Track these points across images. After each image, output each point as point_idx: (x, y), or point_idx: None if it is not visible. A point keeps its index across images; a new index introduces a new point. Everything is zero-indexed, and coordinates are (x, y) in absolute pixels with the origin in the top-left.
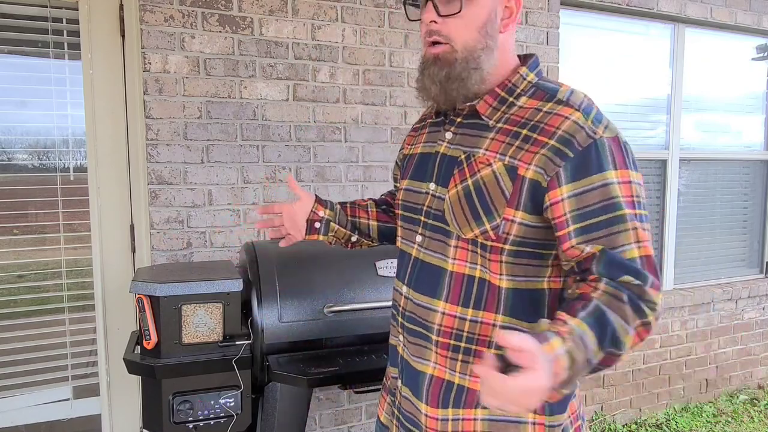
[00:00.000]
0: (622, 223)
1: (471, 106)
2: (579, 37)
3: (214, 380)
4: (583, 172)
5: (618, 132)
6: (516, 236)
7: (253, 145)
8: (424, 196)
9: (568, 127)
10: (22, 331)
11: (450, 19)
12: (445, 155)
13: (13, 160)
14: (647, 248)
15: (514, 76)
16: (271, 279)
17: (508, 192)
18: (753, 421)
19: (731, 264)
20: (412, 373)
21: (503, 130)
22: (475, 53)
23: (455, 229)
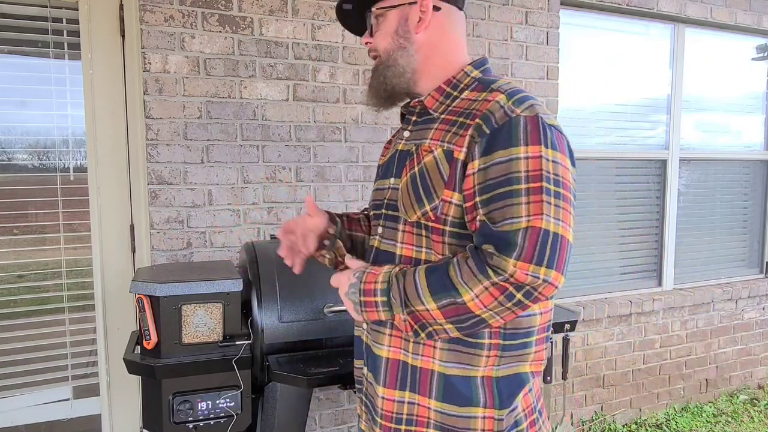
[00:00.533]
0: (516, 197)
1: (420, 101)
2: (579, 37)
3: (214, 380)
4: (493, 147)
5: (540, 113)
6: (454, 218)
7: (253, 145)
8: (385, 191)
9: (490, 106)
10: (22, 331)
11: (375, 36)
12: (402, 151)
13: (13, 160)
14: (539, 220)
15: (459, 74)
16: (271, 279)
17: (446, 175)
18: (753, 421)
19: (731, 264)
20: (374, 358)
21: (445, 120)
22: (391, 53)
23: (402, 214)
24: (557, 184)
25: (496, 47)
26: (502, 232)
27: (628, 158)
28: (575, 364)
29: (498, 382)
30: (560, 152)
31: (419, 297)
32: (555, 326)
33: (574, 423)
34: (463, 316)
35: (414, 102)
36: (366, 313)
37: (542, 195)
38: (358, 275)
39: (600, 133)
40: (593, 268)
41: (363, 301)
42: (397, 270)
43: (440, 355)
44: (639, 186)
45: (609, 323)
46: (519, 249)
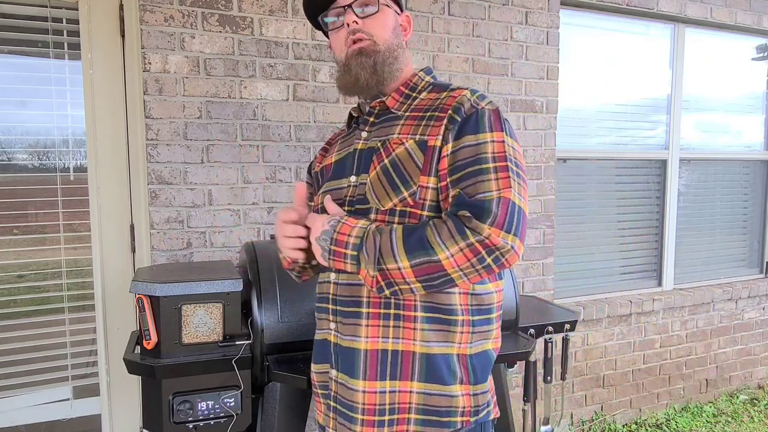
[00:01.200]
0: (487, 174)
1: (381, 102)
2: (579, 37)
3: (214, 380)
4: (463, 132)
5: (498, 107)
6: (431, 201)
7: (253, 145)
8: (345, 189)
9: (458, 99)
10: (22, 331)
11: (368, 20)
12: (363, 150)
13: (13, 160)
14: (508, 192)
15: (414, 78)
16: (271, 279)
17: (420, 162)
18: (753, 421)
19: (731, 264)
20: (347, 355)
21: (411, 117)
22: (393, 48)
23: (375, 203)
24: (517, 165)
25: (496, 47)
26: (476, 200)
27: (628, 158)
28: (575, 364)
29: (471, 359)
30: (517, 141)
31: (393, 255)
32: (555, 326)
33: (574, 423)
34: (435, 275)
35: (374, 102)
36: (332, 261)
37: (509, 172)
38: (332, 223)
39: (600, 133)
40: (593, 268)
41: (332, 250)
42: (373, 227)
43: (421, 336)
44: (639, 186)
45: (609, 323)
46: (493, 215)
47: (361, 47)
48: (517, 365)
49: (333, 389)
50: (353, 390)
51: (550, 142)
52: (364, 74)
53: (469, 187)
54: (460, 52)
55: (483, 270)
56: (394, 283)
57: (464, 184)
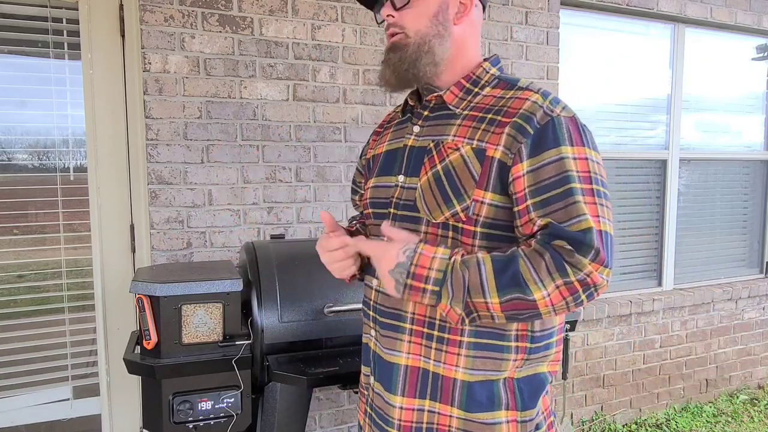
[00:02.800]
0: (577, 195)
1: (438, 96)
2: (579, 37)
3: (214, 380)
4: (540, 148)
5: (575, 114)
6: (486, 218)
7: (253, 145)
8: (393, 189)
9: (528, 106)
10: (22, 331)
11: (403, 11)
12: (413, 147)
13: (13, 160)
14: (603, 223)
15: (478, 70)
16: (271, 279)
17: (477, 174)
18: (753, 421)
19: (731, 264)
20: (385, 367)
21: (469, 117)
22: (427, 38)
23: (425, 215)
24: (602, 184)
25: (496, 47)
26: (575, 232)
27: (628, 158)
28: (575, 364)
29: (519, 383)
30: (598, 152)
31: (483, 292)
32: None
33: (574, 423)
34: (524, 311)
35: (430, 96)
36: (408, 295)
37: (595, 196)
38: (408, 254)
39: (600, 133)
40: None
41: (410, 285)
42: (458, 259)
43: (465, 363)
44: (639, 186)
45: (609, 323)
46: (595, 251)
47: (393, 42)
48: None
49: (370, 396)
50: (390, 405)
51: None
52: (388, 72)
53: (559, 212)
54: None
55: (574, 306)
56: (478, 315)
57: (552, 208)
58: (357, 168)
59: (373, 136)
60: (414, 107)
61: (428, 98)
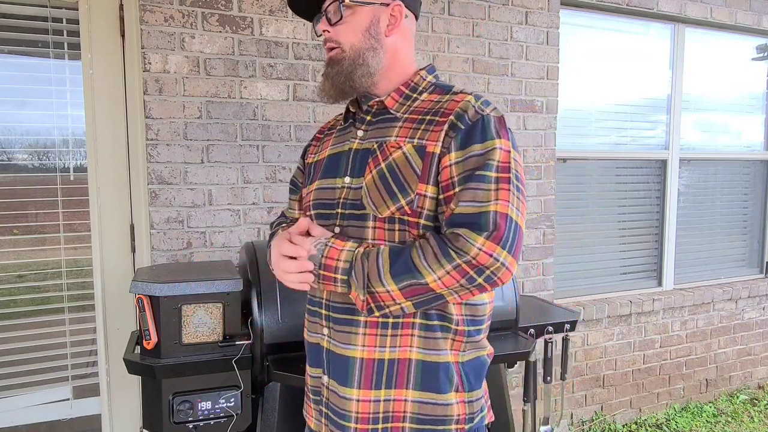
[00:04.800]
0: (490, 183)
1: (380, 101)
2: (579, 37)
3: (214, 380)
4: (469, 141)
5: (503, 115)
6: (430, 210)
7: (253, 145)
8: (339, 191)
9: (461, 105)
10: (22, 331)
11: (338, 27)
12: (358, 150)
13: (13, 160)
14: (512, 210)
15: (416, 77)
16: (271, 279)
17: (419, 169)
18: (753, 421)
19: (731, 264)
20: (339, 362)
21: (409, 119)
22: (361, 51)
23: (372, 210)
24: (518, 179)
25: (496, 47)
26: (470, 215)
27: (628, 158)
28: (575, 364)
29: (464, 366)
30: (519, 153)
31: (380, 280)
32: (555, 326)
33: (574, 423)
34: (423, 295)
35: (372, 102)
36: (322, 284)
37: (509, 185)
38: (319, 248)
39: (600, 133)
40: (593, 268)
41: (321, 274)
42: (361, 251)
43: (417, 342)
44: (639, 186)
45: (609, 323)
46: (489, 232)
47: (330, 57)
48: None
49: (325, 395)
50: (346, 399)
51: (550, 142)
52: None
53: (468, 192)
54: (460, 52)
55: (475, 288)
56: (384, 305)
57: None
58: (298, 167)
59: (314, 141)
60: (355, 114)
61: (370, 104)
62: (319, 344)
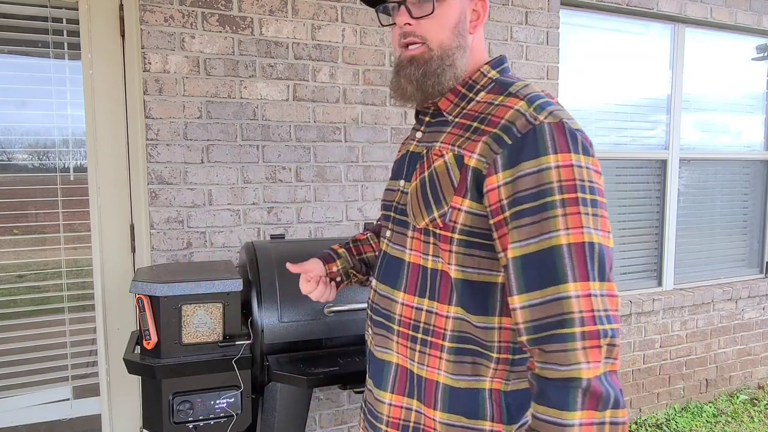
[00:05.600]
0: (551, 210)
1: (434, 103)
2: (579, 37)
3: (214, 380)
4: (518, 158)
5: (563, 118)
6: (464, 225)
7: (253, 145)
8: (395, 194)
9: (510, 115)
10: (22, 331)
11: (423, 21)
12: (413, 153)
13: (13, 160)
14: (579, 235)
15: (476, 74)
16: (271, 279)
17: (456, 180)
18: (753, 421)
19: (731, 264)
20: (376, 364)
21: (458, 124)
22: (450, 51)
23: (411, 219)
24: (592, 191)
25: (496, 47)
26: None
27: (628, 158)
28: None
29: (506, 396)
30: (591, 156)
31: (560, 424)
32: None
33: None
34: (602, 392)
35: (428, 104)
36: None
37: (579, 206)
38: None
39: (600, 133)
40: None
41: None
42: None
43: (446, 366)
44: (639, 186)
45: None
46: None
47: (412, 55)
48: None
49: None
50: (379, 401)
51: None
52: (410, 88)
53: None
54: None
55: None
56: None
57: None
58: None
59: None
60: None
61: (426, 105)
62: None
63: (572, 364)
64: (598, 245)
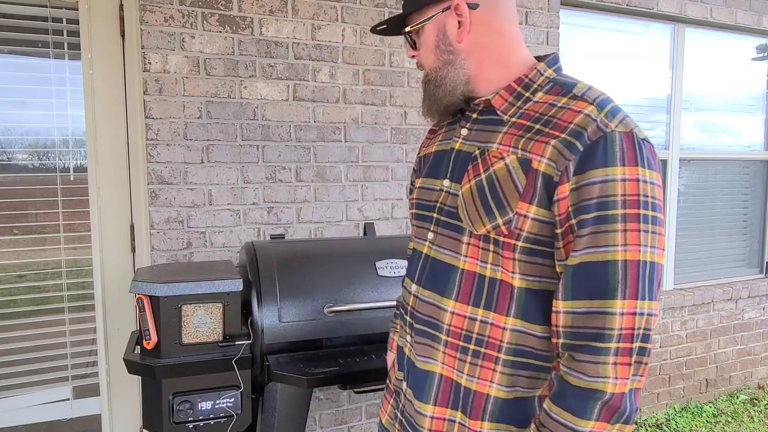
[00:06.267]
0: (612, 223)
1: (486, 100)
2: (579, 37)
3: (214, 380)
4: (587, 166)
5: (634, 128)
6: (529, 233)
7: (253, 145)
8: (437, 193)
9: (580, 120)
10: (22, 331)
11: (419, 49)
12: (460, 151)
13: (13, 160)
14: (635, 252)
15: (531, 72)
16: (271, 279)
17: (522, 186)
18: (753, 421)
19: (731, 264)
20: (417, 374)
21: (517, 125)
22: (437, 71)
23: (468, 225)
24: (654, 207)
25: None
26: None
27: None
28: None
29: None
30: (656, 171)
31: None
32: None
33: None
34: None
35: (479, 100)
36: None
37: (640, 223)
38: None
39: None
40: None
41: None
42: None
43: (500, 379)
44: None
45: None
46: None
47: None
48: None
49: (402, 401)
50: (420, 414)
51: None
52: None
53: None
54: None
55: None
56: None
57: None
58: (413, 168)
59: (428, 134)
60: (464, 109)
61: (476, 102)
62: (403, 349)
63: (600, 377)
64: (651, 263)
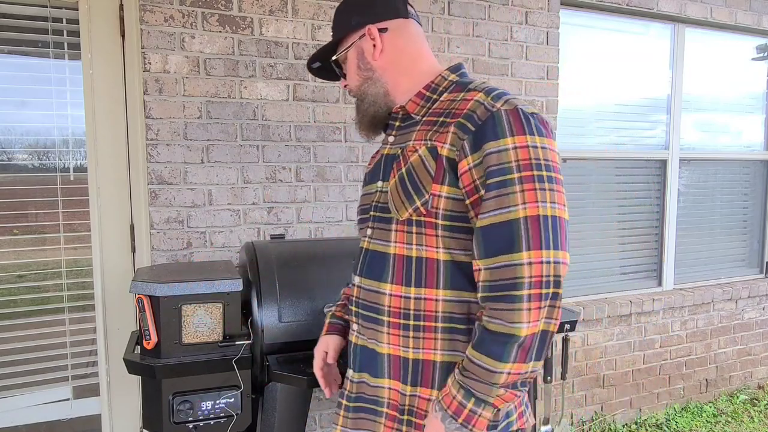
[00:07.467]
0: (510, 186)
1: (402, 107)
2: (579, 37)
3: (214, 380)
4: (481, 141)
5: (518, 104)
6: (446, 210)
7: (253, 145)
8: (374, 195)
9: (471, 105)
10: (22, 331)
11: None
12: (388, 155)
13: (13, 160)
14: (534, 208)
15: (437, 78)
16: (271, 279)
17: (433, 170)
18: (753, 421)
19: (731, 264)
20: (370, 355)
21: (427, 122)
22: (360, 87)
23: (394, 213)
24: (548, 168)
25: (496, 47)
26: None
27: (628, 158)
28: (575, 364)
29: None
30: (546, 137)
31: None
32: None
33: (574, 423)
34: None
35: (396, 108)
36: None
37: (535, 183)
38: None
39: (600, 133)
40: (593, 268)
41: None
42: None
43: (441, 345)
44: (639, 186)
45: (609, 323)
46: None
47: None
48: None
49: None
50: (379, 387)
51: None
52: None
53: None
54: (460, 52)
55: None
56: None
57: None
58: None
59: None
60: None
61: (395, 110)
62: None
63: (515, 323)
64: (552, 217)
